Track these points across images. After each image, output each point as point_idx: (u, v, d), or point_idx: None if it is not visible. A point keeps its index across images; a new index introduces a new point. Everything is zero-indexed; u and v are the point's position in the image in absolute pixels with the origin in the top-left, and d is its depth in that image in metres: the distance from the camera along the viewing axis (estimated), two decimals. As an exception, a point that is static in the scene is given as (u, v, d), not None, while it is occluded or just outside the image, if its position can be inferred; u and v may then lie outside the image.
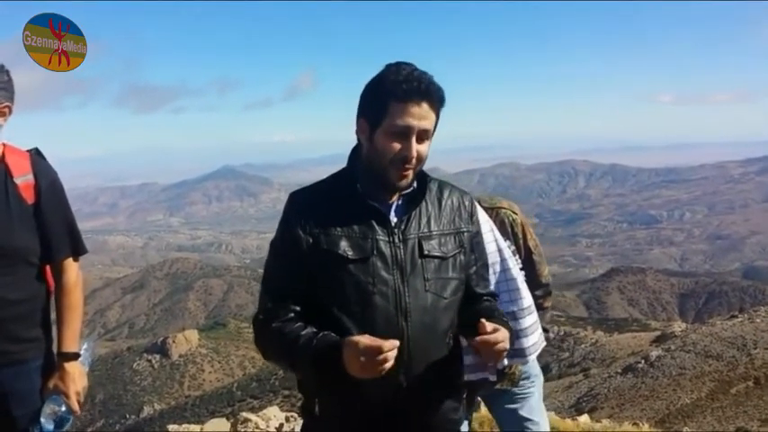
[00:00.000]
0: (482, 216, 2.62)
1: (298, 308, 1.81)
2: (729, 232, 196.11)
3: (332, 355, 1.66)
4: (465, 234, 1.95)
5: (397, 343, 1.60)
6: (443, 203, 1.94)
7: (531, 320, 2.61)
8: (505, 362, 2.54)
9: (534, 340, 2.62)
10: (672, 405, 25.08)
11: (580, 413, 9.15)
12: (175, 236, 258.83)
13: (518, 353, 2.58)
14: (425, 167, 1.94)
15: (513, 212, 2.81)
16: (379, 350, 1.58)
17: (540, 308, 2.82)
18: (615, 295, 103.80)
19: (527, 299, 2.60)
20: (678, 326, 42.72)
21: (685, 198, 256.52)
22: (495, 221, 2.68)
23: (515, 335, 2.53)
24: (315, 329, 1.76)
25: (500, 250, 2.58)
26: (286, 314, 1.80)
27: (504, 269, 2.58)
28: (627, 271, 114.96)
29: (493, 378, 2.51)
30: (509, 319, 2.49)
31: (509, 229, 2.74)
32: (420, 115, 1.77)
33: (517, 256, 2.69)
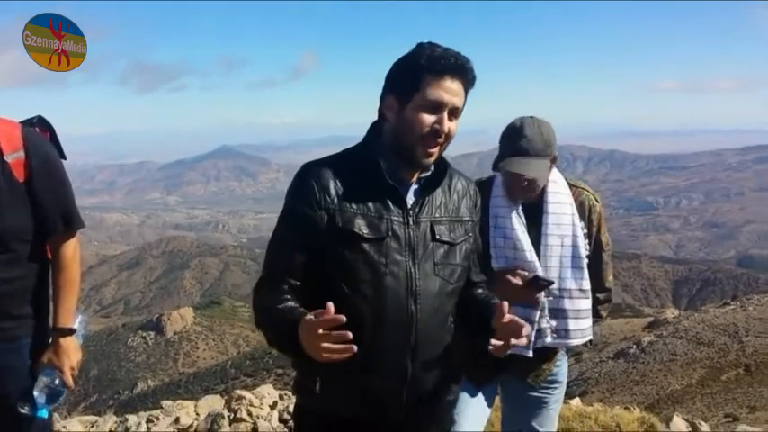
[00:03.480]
0: (564, 189, 2.62)
1: (297, 282, 1.78)
2: (725, 220, 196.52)
3: (293, 331, 1.61)
4: (470, 223, 1.96)
5: (341, 318, 1.51)
6: (452, 190, 1.94)
7: (586, 305, 2.58)
8: (548, 339, 2.51)
9: (583, 326, 2.58)
10: (662, 390, 25.30)
11: (571, 397, 9.19)
12: (172, 214, 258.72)
13: (564, 334, 2.54)
14: None
15: (596, 199, 2.71)
16: (317, 325, 1.52)
17: (596, 314, 2.72)
18: (612, 281, 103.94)
19: (587, 282, 2.57)
20: (671, 312, 42.97)
21: (682, 185, 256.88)
22: (575, 201, 2.63)
23: (566, 314, 2.55)
24: (296, 305, 1.73)
25: (574, 225, 2.57)
26: (281, 285, 1.78)
27: (574, 245, 2.56)
28: (622, 257, 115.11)
29: (529, 354, 2.48)
30: (566, 296, 2.54)
31: (586, 213, 2.64)
32: (453, 91, 1.75)
33: (587, 241, 2.63)
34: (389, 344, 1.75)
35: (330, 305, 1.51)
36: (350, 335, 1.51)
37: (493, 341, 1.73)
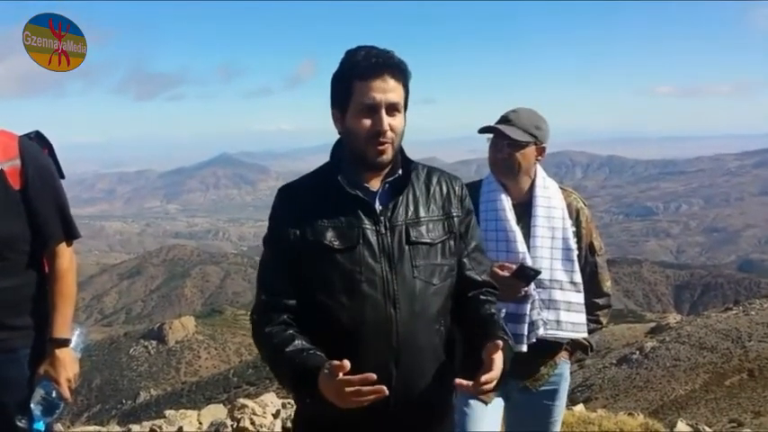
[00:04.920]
0: (553, 185, 2.69)
1: (292, 302, 1.81)
2: (725, 225, 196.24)
3: (309, 380, 1.65)
4: (455, 219, 1.95)
5: (373, 377, 1.55)
6: (432, 189, 1.94)
7: (577, 298, 2.59)
8: (540, 332, 2.51)
9: (575, 320, 2.58)
10: (666, 396, 25.19)
11: (575, 403, 9.18)
12: (172, 223, 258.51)
13: (555, 325, 2.55)
14: (421, 156, 1.96)
15: (583, 203, 2.77)
16: (348, 384, 1.55)
17: (596, 321, 2.75)
18: (611, 286, 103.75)
19: (578, 275, 2.60)
20: (673, 317, 42.84)
21: (682, 190, 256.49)
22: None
23: (557, 305, 2.57)
24: (302, 345, 1.75)
25: (564, 219, 2.61)
26: (279, 316, 1.81)
27: (565, 238, 2.58)
28: (623, 262, 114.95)
29: (523, 348, 2.49)
30: (557, 287, 2.57)
31: (574, 214, 2.69)
32: (384, 89, 1.78)
33: (576, 242, 2.65)
34: (371, 349, 1.76)
35: (346, 363, 1.55)
36: (374, 376, 1.56)
37: (457, 381, 1.72)
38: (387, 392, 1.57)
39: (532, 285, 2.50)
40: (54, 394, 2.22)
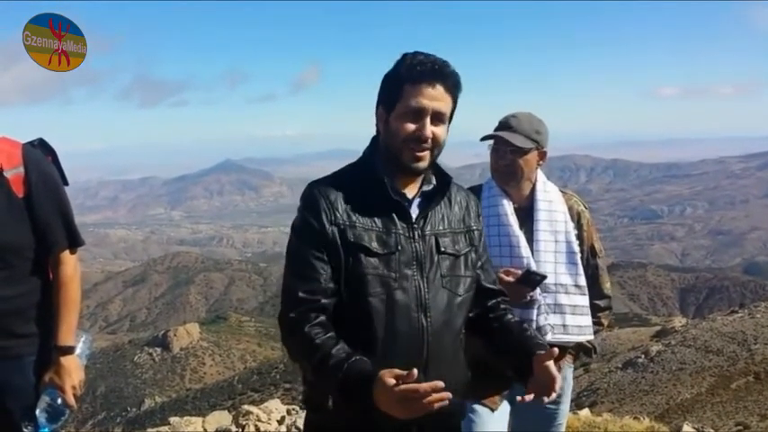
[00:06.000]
0: (553, 188, 2.70)
1: (330, 302, 1.76)
2: (730, 228, 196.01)
3: (362, 388, 1.57)
4: (475, 232, 1.97)
5: (440, 384, 1.49)
6: (453, 203, 1.96)
7: (582, 301, 2.60)
8: (548, 337, 2.50)
9: (581, 323, 2.59)
10: (672, 400, 25.09)
11: (580, 407, 9.18)
12: (177, 230, 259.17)
13: (561, 330, 2.56)
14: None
15: (584, 206, 2.77)
16: (416, 392, 1.48)
17: (597, 323, 2.75)
18: (616, 290, 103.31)
19: (583, 278, 2.60)
20: (678, 321, 42.67)
21: (686, 193, 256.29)
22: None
23: (563, 309, 2.58)
24: (347, 349, 1.68)
25: (566, 222, 2.61)
26: (317, 316, 1.73)
27: (568, 241, 2.59)
28: (628, 266, 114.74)
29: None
30: (562, 291, 2.58)
31: (575, 217, 2.69)
32: (433, 96, 1.77)
33: (579, 244, 2.66)
34: (401, 358, 1.67)
35: (414, 372, 1.48)
36: (442, 384, 1.50)
37: (526, 396, 1.78)
38: (451, 397, 1.51)
39: (538, 290, 2.51)
40: (59, 401, 2.21)
